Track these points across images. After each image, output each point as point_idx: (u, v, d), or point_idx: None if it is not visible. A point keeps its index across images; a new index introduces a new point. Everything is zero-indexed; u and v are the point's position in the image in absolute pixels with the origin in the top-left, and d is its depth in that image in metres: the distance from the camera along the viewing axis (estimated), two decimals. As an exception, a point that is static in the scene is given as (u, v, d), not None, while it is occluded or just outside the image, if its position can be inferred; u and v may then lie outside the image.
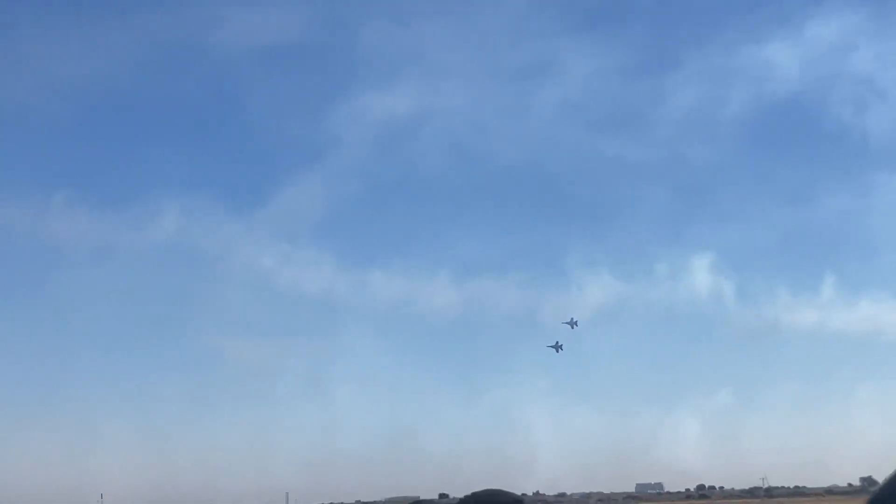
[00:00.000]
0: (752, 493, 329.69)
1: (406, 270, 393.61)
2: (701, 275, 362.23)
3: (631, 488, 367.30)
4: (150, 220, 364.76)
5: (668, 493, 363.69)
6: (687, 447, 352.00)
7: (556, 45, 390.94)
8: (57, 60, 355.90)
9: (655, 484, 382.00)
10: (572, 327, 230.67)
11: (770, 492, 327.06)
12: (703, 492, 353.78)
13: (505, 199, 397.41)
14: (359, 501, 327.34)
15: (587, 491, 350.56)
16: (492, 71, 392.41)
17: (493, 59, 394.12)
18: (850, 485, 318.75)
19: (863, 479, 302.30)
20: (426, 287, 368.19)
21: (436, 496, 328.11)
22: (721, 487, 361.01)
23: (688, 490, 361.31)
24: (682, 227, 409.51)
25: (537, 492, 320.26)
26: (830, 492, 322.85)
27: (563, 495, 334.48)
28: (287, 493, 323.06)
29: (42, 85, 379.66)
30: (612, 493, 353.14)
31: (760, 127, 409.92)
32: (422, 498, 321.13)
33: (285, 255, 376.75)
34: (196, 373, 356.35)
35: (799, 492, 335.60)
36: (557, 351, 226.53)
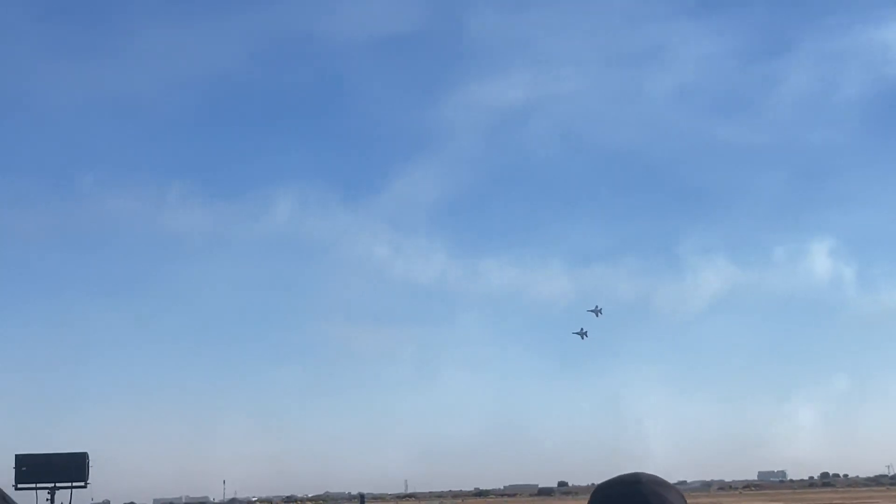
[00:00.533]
0: (877, 480, 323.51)
1: (518, 259, 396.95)
2: (820, 260, 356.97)
3: (753, 476, 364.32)
4: (265, 210, 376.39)
5: (791, 480, 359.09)
6: (808, 435, 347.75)
7: (668, 30, 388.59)
8: (173, 55, 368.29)
9: (778, 472, 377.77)
10: (597, 315, 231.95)
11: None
12: (826, 480, 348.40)
13: (617, 185, 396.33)
14: (477, 489, 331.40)
15: (707, 479, 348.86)
16: (603, 57, 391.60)
17: (605, 44, 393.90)
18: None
19: None
20: (538, 276, 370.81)
21: (555, 484, 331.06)
22: (845, 475, 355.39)
23: (811, 478, 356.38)
24: (800, 212, 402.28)
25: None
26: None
27: (683, 483, 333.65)
28: (406, 481, 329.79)
29: (159, 79, 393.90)
30: (734, 482, 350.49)
31: (879, 109, 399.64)
32: (541, 486, 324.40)
33: (398, 244, 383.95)
34: (311, 361, 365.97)
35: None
36: (582, 338, 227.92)
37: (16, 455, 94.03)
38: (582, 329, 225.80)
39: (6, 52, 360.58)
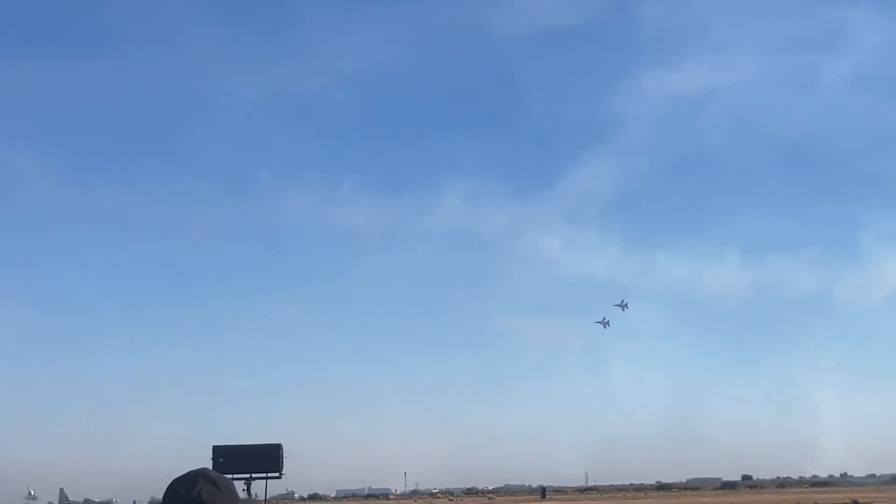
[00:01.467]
0: None
1: (693, 250, 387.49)
2: None
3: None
4: (436, 203, 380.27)
5: None
6: None
7: (846, 14, 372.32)
8: (343, 52, 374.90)
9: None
10: (623, 310, 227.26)
11: None
12: None
13: (794, 174, 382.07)
14: (659, 482, 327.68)
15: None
16: (778, 43, 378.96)
17: (780, 30, 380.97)
18: None
19: None
20: (713, 267, 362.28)
21: (738, 478, 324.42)
22: None
23: None
24: None
25: (830, 476, 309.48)
26: None
27: (872, 476, 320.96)
28: (586, 474, 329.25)
29: (330, 76, 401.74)
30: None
31: None
32: (724, 480, 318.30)
33: (570, 237, 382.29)
34: (484, 354, 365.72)
35: None
36: (605, 327, 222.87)
37: (213, 446, 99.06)
38: (605, 318, 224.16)
39: (184, 56, 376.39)
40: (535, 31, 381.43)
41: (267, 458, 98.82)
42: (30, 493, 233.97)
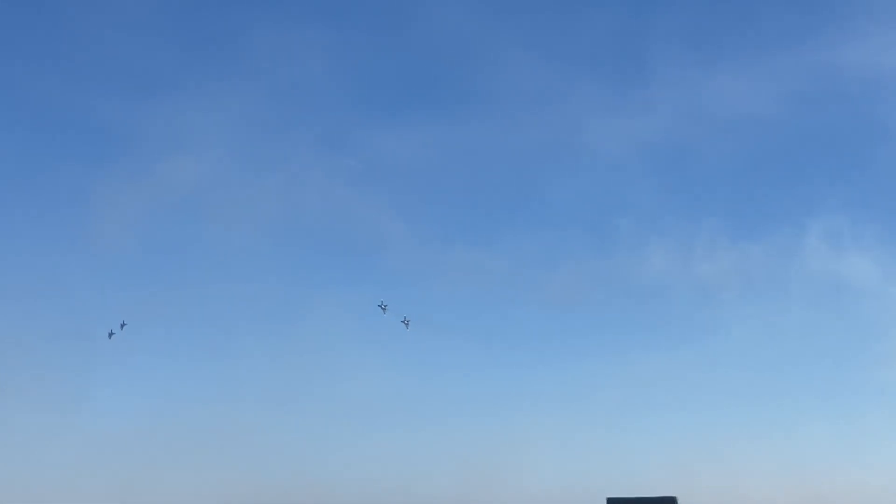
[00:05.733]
0: None
1: None
2: None
3: None
4: (796, 246, 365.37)
5: None
6: None
7: None
8: (703, 98, 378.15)
9: None
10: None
11: None
12: None
13: None
14: None
15: None
16: None
17: None
18: None
19: None
20: None
21: None
22: None
23: None
24: None
25: None
26: None
27: None
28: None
29: (688, 123, 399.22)
30: None
31: None
32: None
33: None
34: (857, 410, 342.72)
35: None
36: None
37: (607, 498, 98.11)
38: None
39: (548, 111, 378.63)
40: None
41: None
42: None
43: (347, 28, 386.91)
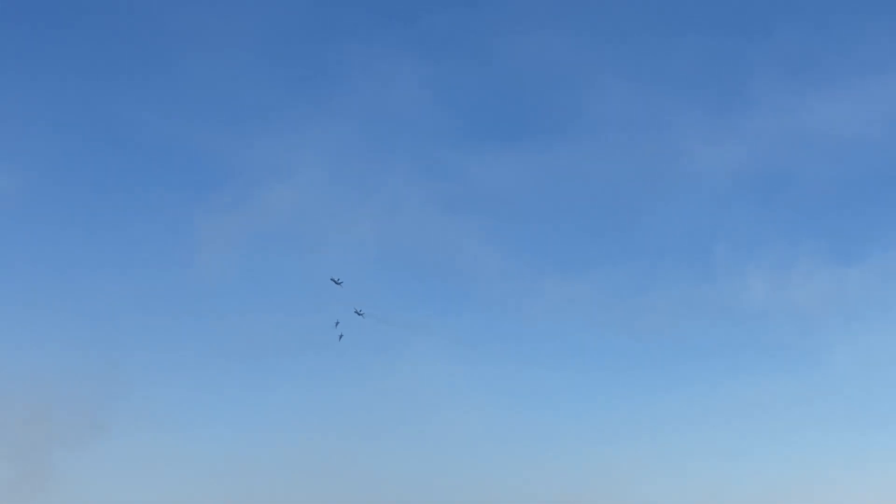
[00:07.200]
0: None
1: None
2: None
3: None
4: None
5: None
6: None
7: None
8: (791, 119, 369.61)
9: None
10: None
11: None
12: None
13: None
14: None
15: None
16: None
17: None
18: None
19: None
20: None
21: None
22: None
23: None
24: None
25: None
26: None
27: None
28: None
29: (792, 149, 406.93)
30: None
31: None
32: None
33: None
34: None
35: None
36: None
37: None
38: None
39: (649, 136, 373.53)
40: None
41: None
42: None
43: (444, 58, 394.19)
